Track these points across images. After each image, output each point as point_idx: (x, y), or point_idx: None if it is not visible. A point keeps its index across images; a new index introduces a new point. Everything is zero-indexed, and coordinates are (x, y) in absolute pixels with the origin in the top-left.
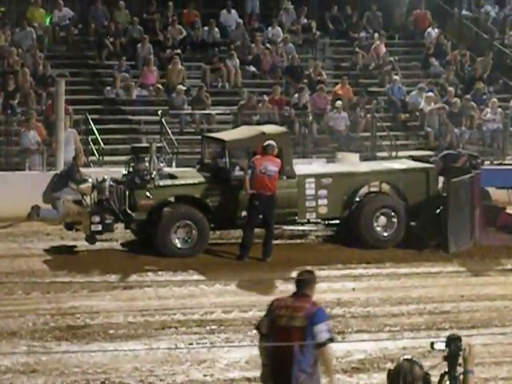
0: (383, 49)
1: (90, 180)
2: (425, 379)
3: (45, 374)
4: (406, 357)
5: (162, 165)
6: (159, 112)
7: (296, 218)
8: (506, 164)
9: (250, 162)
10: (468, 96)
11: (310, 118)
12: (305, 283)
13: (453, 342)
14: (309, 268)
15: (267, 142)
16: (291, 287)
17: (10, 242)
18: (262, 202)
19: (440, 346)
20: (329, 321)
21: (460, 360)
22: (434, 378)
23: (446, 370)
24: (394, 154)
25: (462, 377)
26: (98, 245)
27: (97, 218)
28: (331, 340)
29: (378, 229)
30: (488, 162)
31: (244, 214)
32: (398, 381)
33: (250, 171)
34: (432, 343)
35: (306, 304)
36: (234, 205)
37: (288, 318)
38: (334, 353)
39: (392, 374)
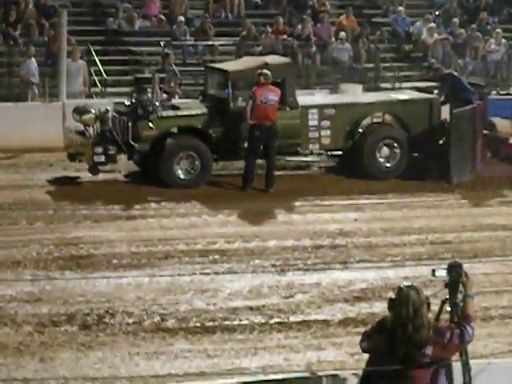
0: None
1: (92, 111)
2: (427, 303)
3: (49, 303)
4: (405, 283)
5: (164, 96)
6: (162, 43)
7: (299, 148)
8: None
9: (250, 92)
10: (474, 26)
11: (314, 48)
12: None
13: (454, 269)
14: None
15: (264, 72)
16: (294, 217)
17: (12, 173)
18: (263, 133)
19: (441, 273)
20: None
21: (460, 287)
22: (435, 307)
23: (447, 297)
24: (397, 85)
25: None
26: (101, 176)
27: (100, 149)
28: None
29: (381, 160)
30: (494, 92)
31: (246, 144)
32: (407, 304)
33: (250, 102)
34: (433, 270)
35: None
36: (236, 136)
37: None
38: None
39: (398, 298)
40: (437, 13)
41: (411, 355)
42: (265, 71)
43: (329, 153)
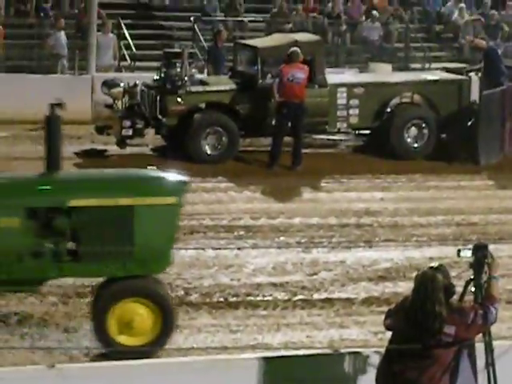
0: None
1: (121, 84)
2: (447, 289)
3: None
4: (431, 265)
5: (193, 71)
6: (192, 18)
7: (327, 127)
8: None
9: (278, 70)
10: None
11: (344, 27)
12: None
13: (479, 250)
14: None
15: (292, 49)
16: (320, 195)
17: (40, 145)
18: (291, 110)
19: (466, 253)
20: None
21: (485, 268)
22: (459, 288)
23: (472, 277)
24: (427, 65)
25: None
26: (129, 149)
27: (127, 123)
28: None
29: (409, 140)
30: None
31: (274, 121)
32: (420, 288)
33: (277, 79)
34: (458, 250)
35: None
36: (264, 112)
37: None
38: None
39: (416, 281)
40: None
41: (425, 339)
42: (295, 49)
43: (357, 132)
